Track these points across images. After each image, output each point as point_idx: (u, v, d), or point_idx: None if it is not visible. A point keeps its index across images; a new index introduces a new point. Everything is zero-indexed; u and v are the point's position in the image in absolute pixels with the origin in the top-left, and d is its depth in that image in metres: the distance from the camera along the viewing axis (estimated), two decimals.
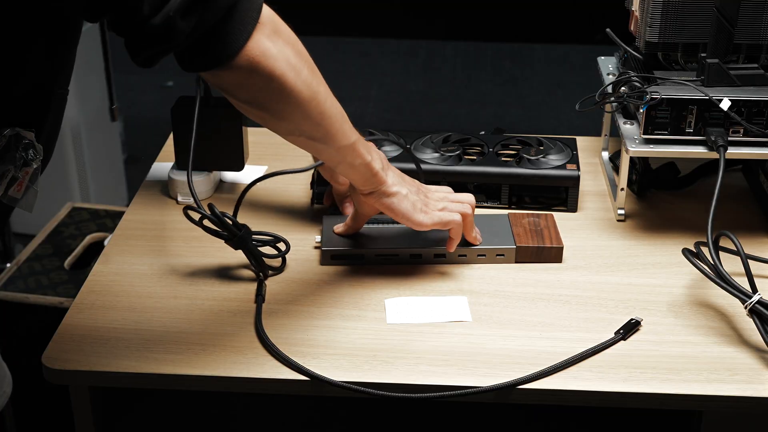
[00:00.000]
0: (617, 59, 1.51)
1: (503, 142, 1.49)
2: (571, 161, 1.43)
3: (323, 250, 1.31)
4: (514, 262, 1.31)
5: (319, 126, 1.14)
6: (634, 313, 1.20)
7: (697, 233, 1.35)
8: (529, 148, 1.45)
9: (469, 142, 1.48)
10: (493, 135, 1.52)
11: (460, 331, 1.18)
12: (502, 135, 1.52)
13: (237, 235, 1.24)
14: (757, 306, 1.12)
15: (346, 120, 1.17)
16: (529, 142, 1.48)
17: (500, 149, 1.47)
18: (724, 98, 1.29)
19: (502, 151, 1.47)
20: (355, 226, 1.31)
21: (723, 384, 1.09)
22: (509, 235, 1.32)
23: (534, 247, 1.31)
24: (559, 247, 1.31)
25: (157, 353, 1.13)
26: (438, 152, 1.44)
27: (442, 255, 1.30)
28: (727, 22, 1.31)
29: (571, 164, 1.42)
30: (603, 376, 1.10)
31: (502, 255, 1.31)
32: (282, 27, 1.07)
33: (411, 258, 1.30)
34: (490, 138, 1.50)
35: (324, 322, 1.19)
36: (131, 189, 2.85)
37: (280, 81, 1.06)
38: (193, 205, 1.24)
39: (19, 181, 1.04)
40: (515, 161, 1.44)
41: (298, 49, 1.09)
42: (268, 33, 1.04)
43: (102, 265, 1.30)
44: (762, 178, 1.42)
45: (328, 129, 1.15)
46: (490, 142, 1.48)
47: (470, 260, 1.31)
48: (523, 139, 1.49)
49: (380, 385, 1.09)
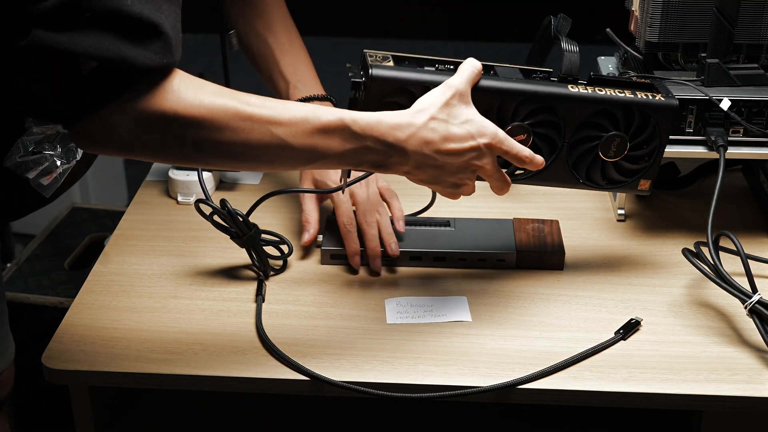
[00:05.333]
0: (617, 59, 1.51)
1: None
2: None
3: (323, 249, 1.31)
4: (515, 268, 1.30)
5: (244, 166, 1.09)
6: (634, 313, 1.20)
7: (697, 233, 1.35)
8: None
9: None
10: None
11: (460, 331, 1.18)
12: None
13: (247, 233, 1.24)
14: (757, 306, 1.12)
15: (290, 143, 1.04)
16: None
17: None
18: (724, 98, 1.29)
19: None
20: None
21: (723, 384, 1.09)
22: (511, 240, 1.32)
23: (535, 254, 1.30)
24: (561, 253, 1.30)
25: (157, 353, 1.13)
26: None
27: (441, 258, 1.30)
28: (727, 22, 1.31)
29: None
30: (603, 376, 1.10)
31: (503, 260, 1.30)
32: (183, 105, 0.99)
33: (411, 260, 1.30)
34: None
35: (324, 322, 1.19)
36: (131, 189, 2.85)
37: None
38: (206, 200, 1.24)
39: (51, 173, 1.06)
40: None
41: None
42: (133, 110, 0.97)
43: (102, 265, 1.30)
44: (762, 178, 1.42)
45: (257, 165, 1.09)
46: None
47: (470, 264, 1.30)
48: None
49: (380, 385, 1.09)
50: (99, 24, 0.93)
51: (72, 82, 0.94)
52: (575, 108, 1.17)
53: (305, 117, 1.04)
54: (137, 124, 0.98)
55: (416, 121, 1.07)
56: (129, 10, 0.93)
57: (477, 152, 1.10)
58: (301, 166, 1.09)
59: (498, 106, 1.15)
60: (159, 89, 0.97)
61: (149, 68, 0.95)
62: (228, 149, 1.02)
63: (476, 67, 1.13)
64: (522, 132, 1.16)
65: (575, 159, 1.20)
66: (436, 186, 1.13)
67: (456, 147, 1.08)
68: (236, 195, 1.44)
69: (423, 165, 1.09)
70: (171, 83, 0.98)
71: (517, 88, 1.15)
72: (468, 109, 1.10)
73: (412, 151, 1.07)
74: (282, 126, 1.02)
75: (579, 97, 1.17)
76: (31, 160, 1.05)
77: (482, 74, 1.14)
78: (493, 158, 1.12)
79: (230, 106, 1.00)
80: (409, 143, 1.07)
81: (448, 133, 1.08)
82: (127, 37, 0.93)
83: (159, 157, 1.06)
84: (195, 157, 1.04)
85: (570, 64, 1.19)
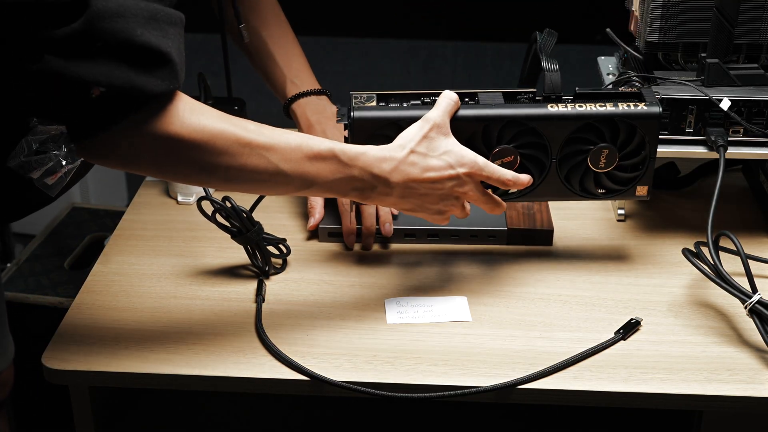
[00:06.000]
0: (617, 59, 1.51)
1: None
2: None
3: (320, 227, 1.35)
4: (506, 244, 1.34)
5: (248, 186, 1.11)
6: (634, 313, 1.20)
7: (697, 233, 1.35)
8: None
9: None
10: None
11: (460, 331, 1.18)
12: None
13: (251, 229, 1.24)
14: (757, 306, 1.12)
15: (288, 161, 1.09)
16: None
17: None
18: (724, 98, 1.29)
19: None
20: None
21: (723, 384, 1.09)
22: (502, 217, 1.35)
23: (525, 230, 1.34)
24: (550, 230, 1.34)
25: (157, 353, 1.13)
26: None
27: (435, 235, 1.34)
28: (727, 22, 1.31)
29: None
30: (603, 376, 1.10)
31: (494, 236, 1.34)
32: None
33: (405, 237, 1.34)
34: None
35: (324, 322, 1.19)
36: (131, 189, 2.85)
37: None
38: (208, 197, 1.24)
39: (56, 173, 1.08)
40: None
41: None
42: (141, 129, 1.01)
43: (102, 265, 1.30)
44: (762, 178, 1.42)
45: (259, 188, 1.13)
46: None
47: (462, 241, 1.34)
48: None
49: (380, 385, 1.09)
50: (110, 53, 0.95)
51: (80, 105, 0.97)
52: (558, 126, 1.20)
53: (299, 145, 1.09)
54: (140, 145, 1.02)
55: (397, 155, 1.13)
56: (139, 40, 0.96)
57: (457, 181, 1.15)
58: (294, 191, 1.13)
59: (482, 132, 1.20)
60: (164, 113, 1.01)
61: (156, 94, 0.98)
62: (225, 172, 1.06)
63: (452, 98, 1.18)
64: (509, 154, 1.20)
65: (567, 173, 1.23)
66: (422, 213, 1.18)
67: (436, 176, 1.14)
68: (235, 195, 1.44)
69: (406, 195, 1.15)
70: (176, 107, 1.02)
71: (496, 114, 1.20)
72: (447, 140, 1.15)
73: (395, 183, 1.13)
74: (277, 153, 1.07)
75: (559, 115, 1.20)
76: (35, 159, 1.06)
77: (461, 104, 1.19)
78: (476, 184, 1.17)
79: (230, 132, 1.05)
80: (392, 176, 1.13)
81: (427, 165, 1.14)
82: (137, 66, 0.97)
83: (158, 174, 1.09)
84: (193, 178, 1.09)
85: (551, 83, 1.22)
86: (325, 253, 1.33)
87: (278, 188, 1.12)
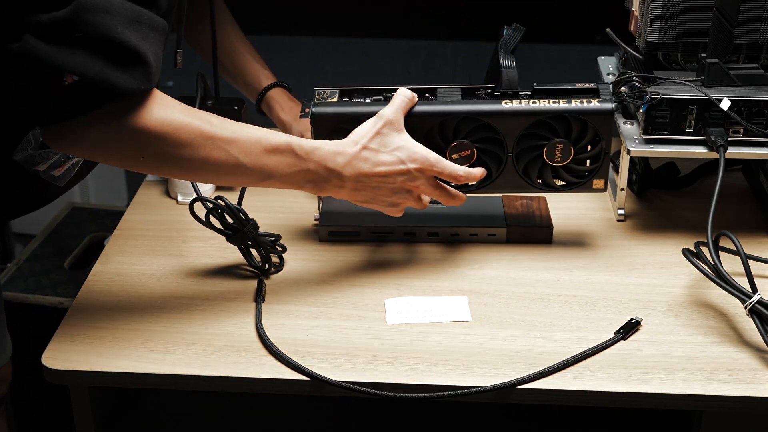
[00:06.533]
0: (617, 59, 1.51)
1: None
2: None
3: (320, 227, 1.35)
4: (506, 242, 1.35)
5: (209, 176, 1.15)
6: (634, 313, 1.20)
7: (697, 233, 1.35)
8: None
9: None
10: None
11: (460, 331, 1.18)
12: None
13: (246, 225, 1.24)
14: (757, 306, 1.12)
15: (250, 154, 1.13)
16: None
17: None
18: (724, 98, 1.29)
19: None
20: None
21: (723, 384, 1.09)
22: (501, 215, 1.37)
23: (524, 228, 1.35)
24: (549, 227, 1.35)
25: (157, 353, 1.13)
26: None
27: (435, 233, 1.35)
28: (727, 22, 1.31)
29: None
30: (603, 376, 1.10)
31: (494, 234, 1.35)
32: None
33: (405, 236, 1.35)
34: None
35: (324, 322, 1.19)
36: (131, 189, 2.85)
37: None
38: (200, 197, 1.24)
39: (61, 166, 1.14)
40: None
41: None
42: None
43: (102, 265, 1.30)
44: (762, 178, 1.42)
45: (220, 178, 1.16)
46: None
47: (462, 239, 1.35)
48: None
49: (380, 385, 1.09)
50: (88, 45, 0.99)
51: (52, 91, 1.00)
52: (512, 122, 1.25)
53: (258, 139, 1.13)
54: (107, 136, 1.05)
55: (350, 150, 1.18)
56: (119, 37, 1.00)
57: (408, 175, 1.20)
58: (252, 183, 1.17)
59: (438, 127, 1.24)
60: (134, 108, 1.05)
61: (127, 90, 1.02)
62: (188, 163, 1.10)
63: (406, 95, 1.23)
64: (465, 148, 1.25)
65: (524, 167, 1.28)
66: (374, 205, 1.23)
67: (386, 170, 1.19)
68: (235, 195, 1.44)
69: (359, 188, 1.20)
70: (145, 103, 1.05)
71: (452, 110, 1.25)
72: (399, 136, 1.20)
73: (348, 176, 1.18)
74: (237, 146, 1.12)
75: (513, 111, 1.25)
76: (41, 153, 1.09)
77: (420, 99, 1.24)
78: (428, 179, 1.22)
79: (195, 125, 1.09)
80: (345, 170, 1.18)
81: (378, 160, 1.19)
82: (112, 61, 1.00)
83: (122, 165, 1.12)
84: (156, 168, 1.13)
85: (508, 79, 1.27)
86: (325, 253, 1.33)
87: (238, 179, 1.16)
